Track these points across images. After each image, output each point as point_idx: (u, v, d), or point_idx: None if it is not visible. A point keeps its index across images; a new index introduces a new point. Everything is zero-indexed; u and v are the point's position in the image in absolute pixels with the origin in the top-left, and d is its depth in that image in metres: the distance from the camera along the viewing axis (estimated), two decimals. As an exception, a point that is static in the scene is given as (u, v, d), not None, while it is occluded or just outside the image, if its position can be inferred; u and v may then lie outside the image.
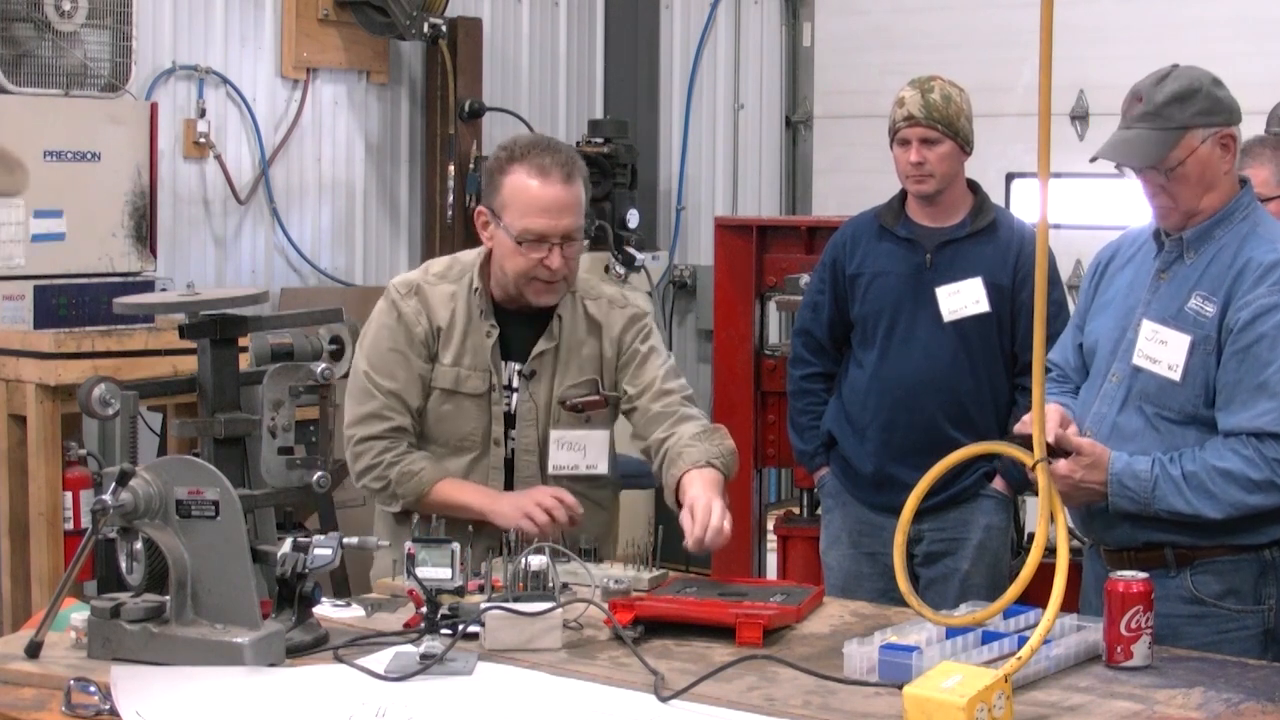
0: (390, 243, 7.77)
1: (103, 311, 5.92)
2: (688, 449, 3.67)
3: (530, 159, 3.65)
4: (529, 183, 3.63)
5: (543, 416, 3.76)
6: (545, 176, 3.63)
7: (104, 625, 2.95)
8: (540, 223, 3.61)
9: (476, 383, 3.74)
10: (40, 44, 6.08)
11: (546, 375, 3.75)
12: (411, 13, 7.33)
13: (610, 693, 2.83)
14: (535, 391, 3.75)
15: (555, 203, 3.62)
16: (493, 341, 3.73)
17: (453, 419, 3.76)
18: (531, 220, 3.62)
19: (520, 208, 3.63)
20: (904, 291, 4.55)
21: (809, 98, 8.56)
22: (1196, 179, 3.35)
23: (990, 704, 2.59)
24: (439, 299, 3.76)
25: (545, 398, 3.76)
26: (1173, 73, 3.37)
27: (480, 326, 3.74)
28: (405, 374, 3.75)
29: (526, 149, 3.68)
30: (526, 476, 3.75)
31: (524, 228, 3.62)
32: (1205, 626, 3.33)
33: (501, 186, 3.66)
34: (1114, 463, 3.31)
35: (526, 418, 3.75)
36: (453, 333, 3.75)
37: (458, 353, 3.74)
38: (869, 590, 4.39)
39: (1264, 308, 3.28)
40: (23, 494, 5.68)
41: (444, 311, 3.75)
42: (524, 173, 3.64)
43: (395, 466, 3.73)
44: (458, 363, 3.74)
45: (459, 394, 3.74)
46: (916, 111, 4.47)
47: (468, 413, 3.75)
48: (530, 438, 3.75)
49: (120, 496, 2.90)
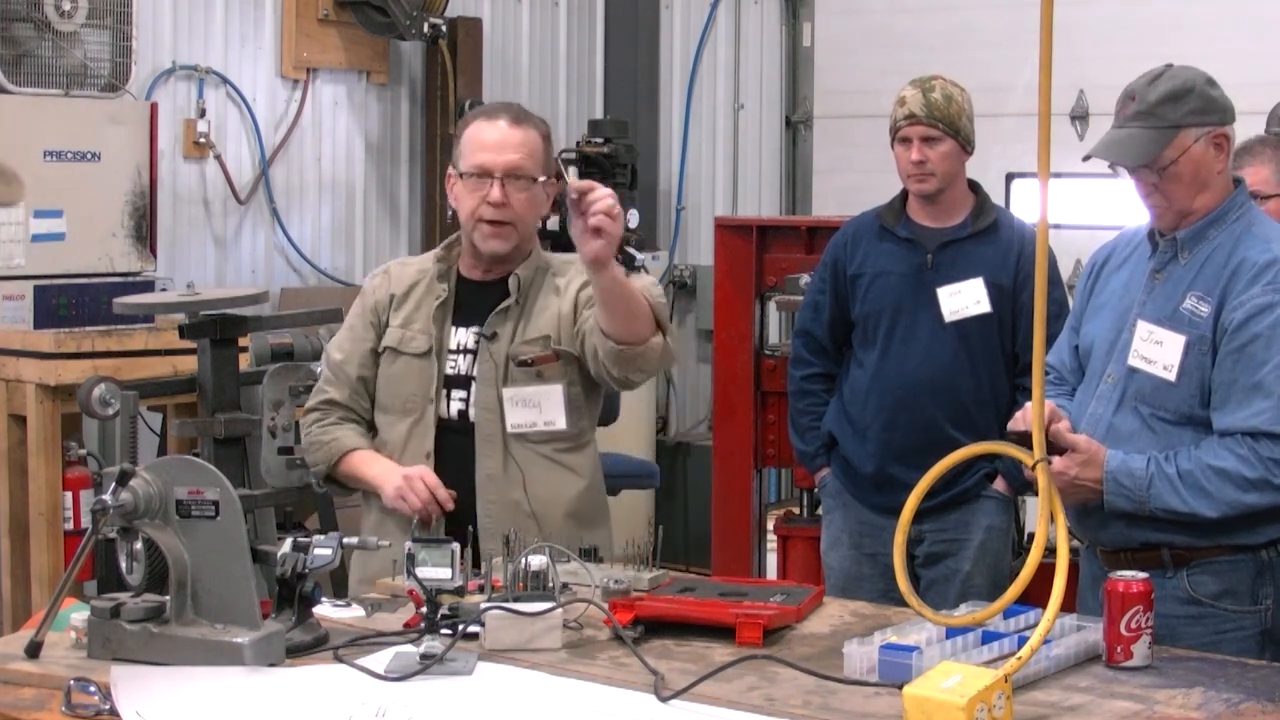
0: (390, 243, 7.78)
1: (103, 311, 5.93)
2: None
3: (484, 111, 3.85)
4: (479, 125, 3.79)
5: (500, 375, 3.77)
6: (492, 119, 3.79)
7: (104, 625, 2.95)
8: (483, 157, 3.73)
9: (420, 343, 3.79)
10: (40, 44, 6.08)
11: (506, 336, 3.77)
12: (411, 13, 7.33)
13: (610, 693, 2.83)
14: (495, 351, 3.77)
15: (497, 139, 3.74)
16: (439, 301, 3.79)
17: (398, 381, 3.82)
18: (476, 156, 3.74)
19: (469, 150, 3.77)
20: (905, 292, 4.55)
21: (809, 98, 8.57)
22: (1190, 178, 3.35)
23: (990, 704, 2.59)
24: (406, 273, 3.89)
25: (504, 357, 3.78)
26: (1166, 72, 3.37)
27: (434, 289, 3.83)
28: (351, 345, 3.88)
29: (486, 107, 3.91)
30: (487, 434, 3.75)
31: (469, 165, 3.75)
32: (1203, 627, 3.33)
33: (460, 141, 3.82)
34: (1109, 461, 3.31)
35: (486, 377, 3.77)
36: (409, 298, 3.84)
37: (409, 315, 3.83)
38: (870, 591, 4.38)
39: (1259, 307, 3.28)
40: (23, 494, 5.68)
41: (406, 282, 3.87)
42: (475, 121, 3.82)
43: (312, 435, 3.86)
44: (406, 325, 3.82)
45: (402, 354, 3.81)
46: (918, 110, 4.47)
47: (410, 373, 3.80)
48: (489, 396, 3.76)
49: (120, 496, 2.90)
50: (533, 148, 3.77)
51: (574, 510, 3.77)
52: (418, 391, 3.79)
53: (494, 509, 3.68)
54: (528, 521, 3.65)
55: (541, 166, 3.77)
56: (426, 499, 3.66)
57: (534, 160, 3.76)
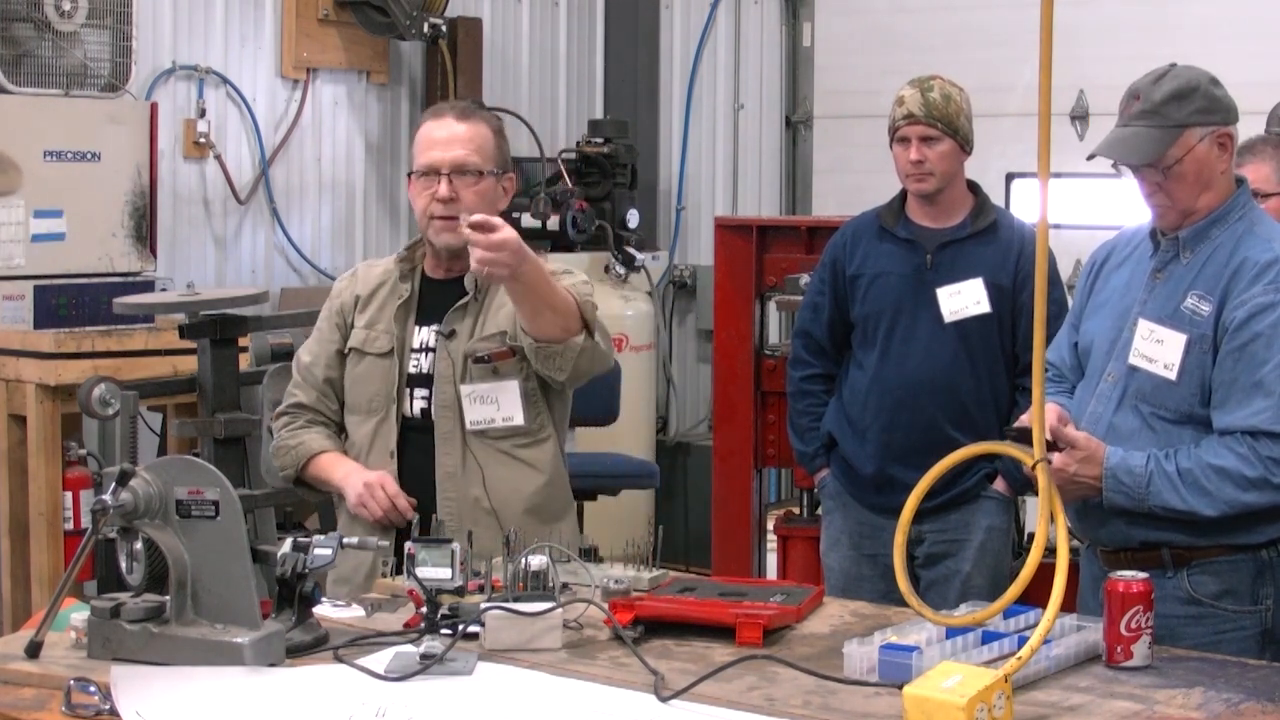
0: (390, 243, 7.77)
1: (103, 311, 5.93)
2: None
3: (432, 111, 3.88)
4: (428, 124, 3.82)
5: (458, 373, 3.77)
6: (439, 117, 3.82)
7: (104, 625, 2.95)
8: (431, 154, 3.75)
9: (383, 342, 3.81)
10: (40, 44, 6.08)
11: (465, 334, 3.78)
12: (411, 13, 7.33)
13: (610, 693, 2.83)
14: (453, 349, 3.77)
15: (445, 136, 3.76)
16: (401, 301, 3.81)
17: (363, 381, 3.83)
18: (425, 154, 3.76)
19: (419, 149, 3.79)
20: (904, 292, 4.55)
21: (809, 98, 8.57)
22: (1193, 178, 3.35)
23: (990, 704, 2.59)
24: (372, 274, 3.90)
25: (459, 356, 3.78)
26: (1170, 71, 3.37)
27: (397, 289, 3.84)
28: (318, 347, 3.90)
29: (434, 107, 3.92)
30: (446, 432, 3.75)
31: (419, 164, 3.77)
32: (1203, 627, 3.33)
33: (414, 143, 3.85)
34: (1109, 458, 3.31)
35: (444, 375, 3.77)
36: (373, 299, 3.86)
37: (373, 316, 3.84)
38: (870, 592, 4.38)
39: (1260, 306, 3.28)
40: (23, 494, 5.69)
41: (371, 283, 3.88)
42: (426, 122, 3.84)
43: (279, 439, 3.87)
44: (370, 325, 3.83)
45: (367, 354, 3.82)
46: (916, 110, 4.47)
47: (374, 374, 3.81)
48: (448, 394, 3.76)
49: (120, 496, 2.90)
50: (480, 142, 3.78)
51: (534, 506, 3.76)
52: (381, 391, 3.80)
53: (453, 506, 3.70)
54: (487, 518, 3.67)
55: (492, 160, 3.78)
56: (387, 508, 3.68)
57: (483, 154, 3.77)
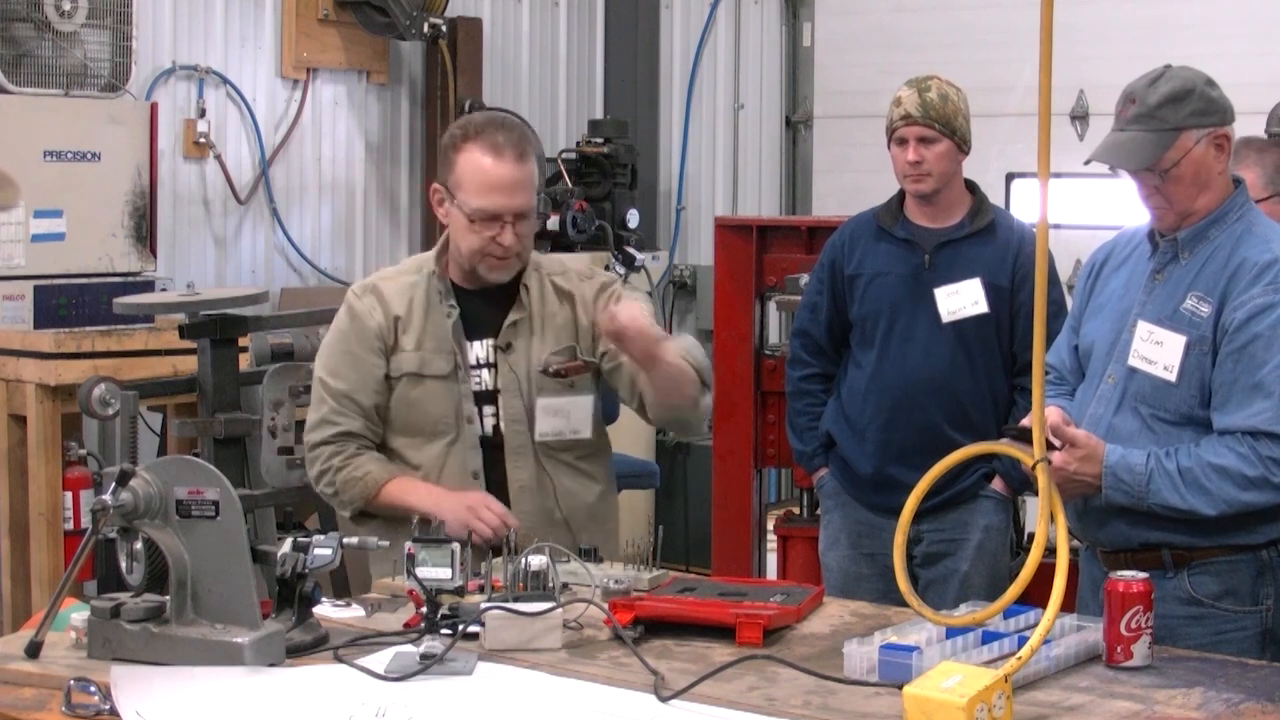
0: (390, 243, 7.78)
1: (103, 311, 5.93)
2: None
3: (484, 137, 3.66)
4: (482, 161, 3.64)
5: (525, 386, 3.74)
6: (498, 155, 3.64)
7: (104, 625, 2.95)
8: (493, 201, 3.63)
9: (441, 364, 3.73)
10: (40, 44, 6.08)
11: (523, 346, 3.75)
12: (411, 13, 7.33)
13: (610, 693, 2.83)
14: (515, 363, 3.74)
15: (507, 181, 3.63)
16: (453, 320, 3.74)
17: (422, 404, 3.75)
18: (484, 199, 3.63)
19: (474, 187, 3.64)
20: (903, 292, 4.55)
21: (809, 98, 8.57)
22: (1191, 180, 3.35)
23: (990, 704, 2.59)
24: (396, 291, 3.78)
25: (525, 367, 3.75)
26: (1166, 74, 3.37)
27: (440, 309, 3.74)
28: (356, 374, 3.75)
29: (480, 127, 3.69)
30: (516, 447, 3.74)
31: (477, 207, 3.63)
32: (1203, 627, 3.33)
33: (455, 164, 3.68)
34: (1109, 455, 3.31)
35: (510, 389, 3.74)
36: (412, 319, 3.75)
37: (419, 337, 3.74)
38: (869, 591, 4.38)
39: (1259, 307, 3.28)
40: (23, 494, 5.69)
41: (401, 302, 3.76)
42: (477, 151, 3.65)
43: (342, 472, 3.74)
44: (420, 346, 3.74)
45: (425, 377, 3.74)
46: (914, 110, 4.47)
47: (436, 396, 3.74)
48: (516, 408, 3.74)
49: (120, 496, 2.90)
50: (535, 178, 3.69)
51: (595, 514, 3.79)
52: (448, 413, 3.73)
53: (528, 519, 3.66)
54: (559, 528, 3.66)
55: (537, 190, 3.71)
56: (497, 526, 3.58)
57: (535, 190, 3.69)
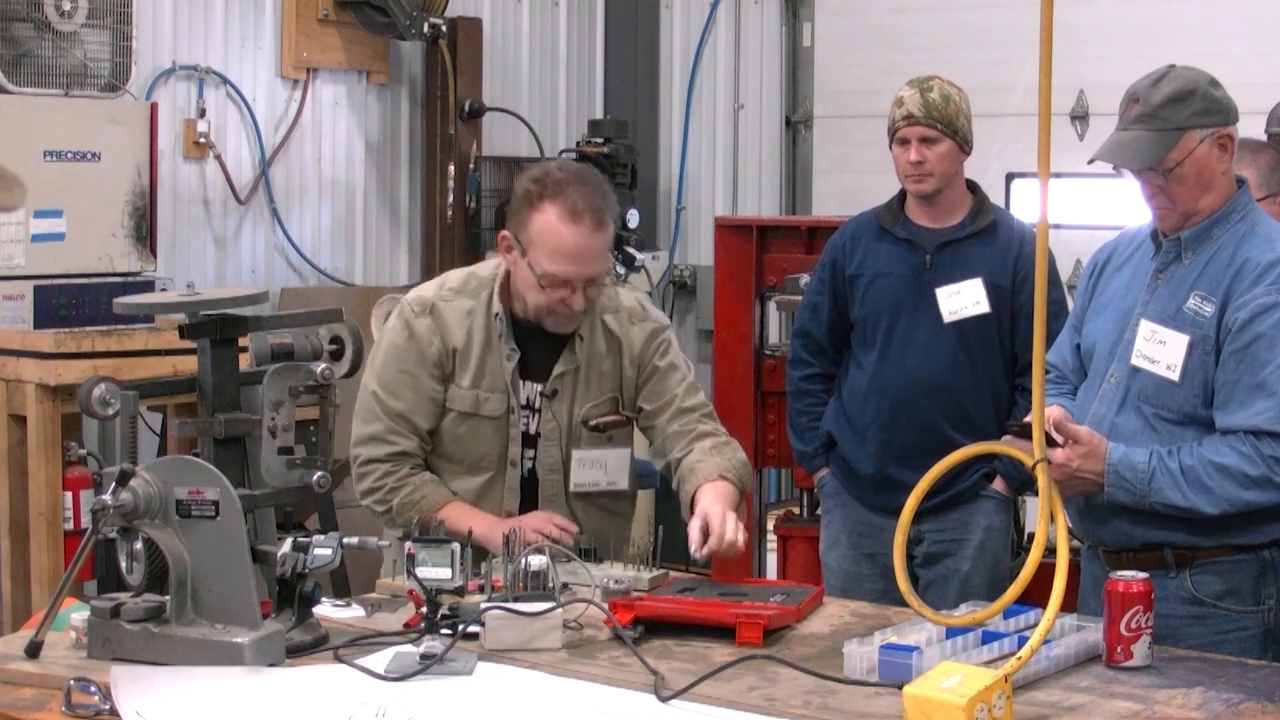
0: (390, 243, 7.77)
1: (103, 311, 5.92)
2: (700, 464, 3.70)
3: (563, 198, 3.56)
4: (559, 227, 3.55)
5: (565, 436, 3.75)
6: (576, 221, 3.55)
7: (104, 625, 2.95)
8: (567, 269, 3.56)
9: (495, 405, 3.71)
10: (40, 44, 6.08)
11: (568, 395, 3.74)
12: (411, 13, 7.33)
13: (610, 693, 2.83)
14: (558, 411, 3.73)
15: (583, 250, 3.56)
16: (513, 365, 3.71)
17: (469, 440, 3.74)
18: (558, 265, 3.56)
19: (547, 250, 3.56)
20: (904, 292, 4.55)
21: (809, 98, 8.57)
22: (1194, 179, 3.35)
23: (990, 704, 2.59)
24: (455, 317, 3.71)
25: (567, 417, 3.75)
26: (1169, 73, 3.37)
27: (500, 349, 3.69)
28: (414, 395, 3.73)
29: (560, 185, 3.58)
30: (550, 495, 3.76)
31: (549, 271, 3.57)
32: (1205, 627, 3.34)
33: (530, 222, 3.58)
34: (1111, 453, 3.31)
35: (550, 437, 3.74)
36: (470, 354, 3.70)
37: (476, 374, 3.70)
38: (869, 591, 4.38)
39: (1262, 307, 3.28)
40: (23, 494, 5.68)
41: (459, 331, 3.70)
42: (555, 214, 3.56)
43: (398, 493, 3.73)
44: (476, 384, 3.70)
45: (477, 416, 3.72)
46: (916, 110, 4.46)
47: (485, 434, 3.73)
48: (554, 457, 3.75)
49: (120, 496, 2.90)
50: (610, 239, 3.64)
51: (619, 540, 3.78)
52: (493, 451, 3.73)
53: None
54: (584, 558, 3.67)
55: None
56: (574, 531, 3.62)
57: (609, 252, 3.65)
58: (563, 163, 3.67)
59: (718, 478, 3.65)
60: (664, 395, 3.79)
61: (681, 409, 3.79)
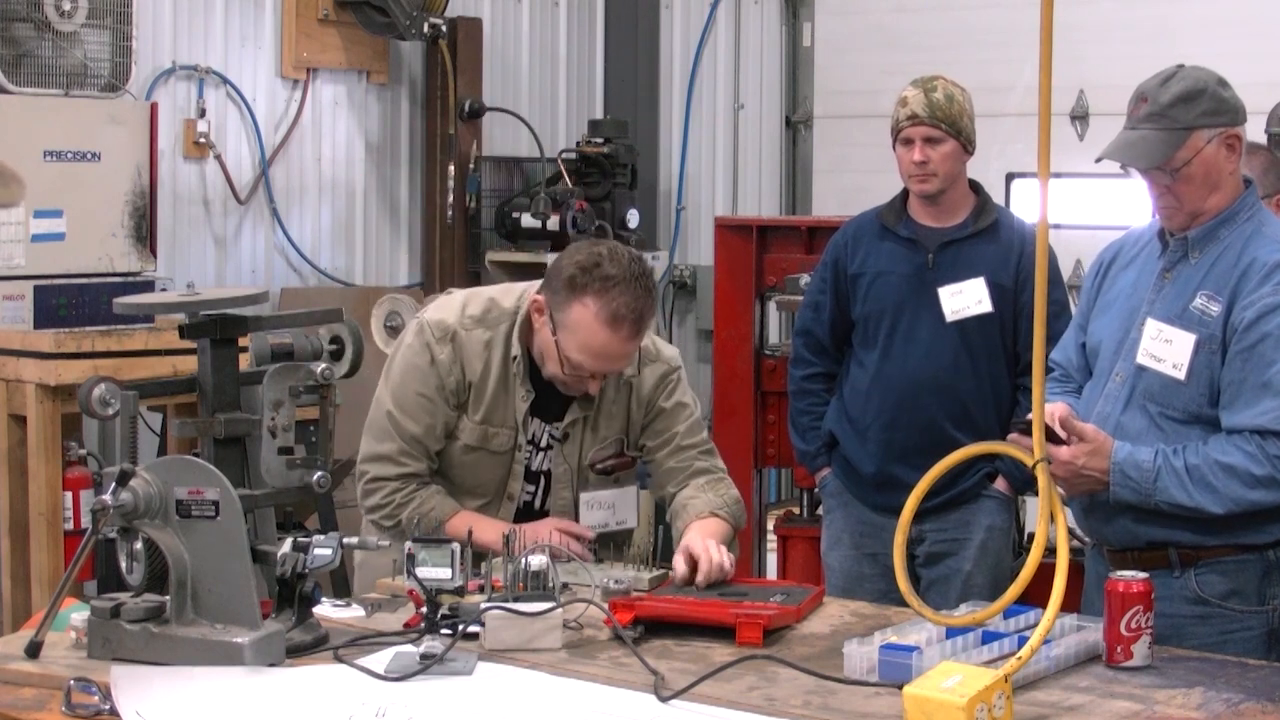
0: (390, 243, 7.78)
1: (103, 311, 5.92)
2: (692, 500, 3.75)
3: (607, 299, 3.49)
4: (596, 327, 3.50)
5: (576, 479, 3.78)
6: (615, 329, 3.50)
7: (104, 625, 2.95)
8: (593, 365, 3.57)
9: (503, 441, 3.73)
10: (40, 44, 6.08)
11: (578, 438, 3.76)
12: (411, 13, 7.33)
13: (610, 693, 2.83)
14: (569, 454, 3.76)
15: (615, 354, 3.57)
16: (528, 405, 3.71)
17: (471, 468, 3.76)
18: (585, 359, 3.55)
19: (579, 343, 3.53)
20: (906, 291, 4.55)
21: (809, 98, 8.57)
22: (1202, 179, 3.35)
23: (990, 704, 2.59)
24: (474, 349, 3.69)
25: (576, 460, 3.78)
26: (1178, 73, 3.37)
27: (516, 390, 3.69)
28: (429, 420, 3.72)
29: (607, 284, 3.50)
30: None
31: (578, 362, 3.56)
32: (1209, 627, 3.33)
33: (569, 308, 3.53)
34: (1116, 452, 3.31)
35: (561, 479, 3.78)
36: (484, 389, 3.69)
37: (488, 411, 3.70)
38: (870, 591, 4.38)
39: (1268, 307, 3.28)
40: (23, 494, 5.68)
41: (478, 364, 3.68)
42: (595, 311, 3.49)
43: (406, 507, 3.72)
44: (487, 420, 3.70)
45: (484, 449, 3.74)
46: (920, 111, 4.46)
47: (487, 465, 3.75)
48: (565, 499, 3.78)
49: (120, 496, 2.90)
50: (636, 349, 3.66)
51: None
52: (493, 481, 3.75)
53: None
54: None
55: None
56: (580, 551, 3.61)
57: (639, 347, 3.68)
58: (615, 252, 3.53)
59: (709, 515, 3.71)
60: (665, 433, 3.82)
61: (681, 446, 3.82)
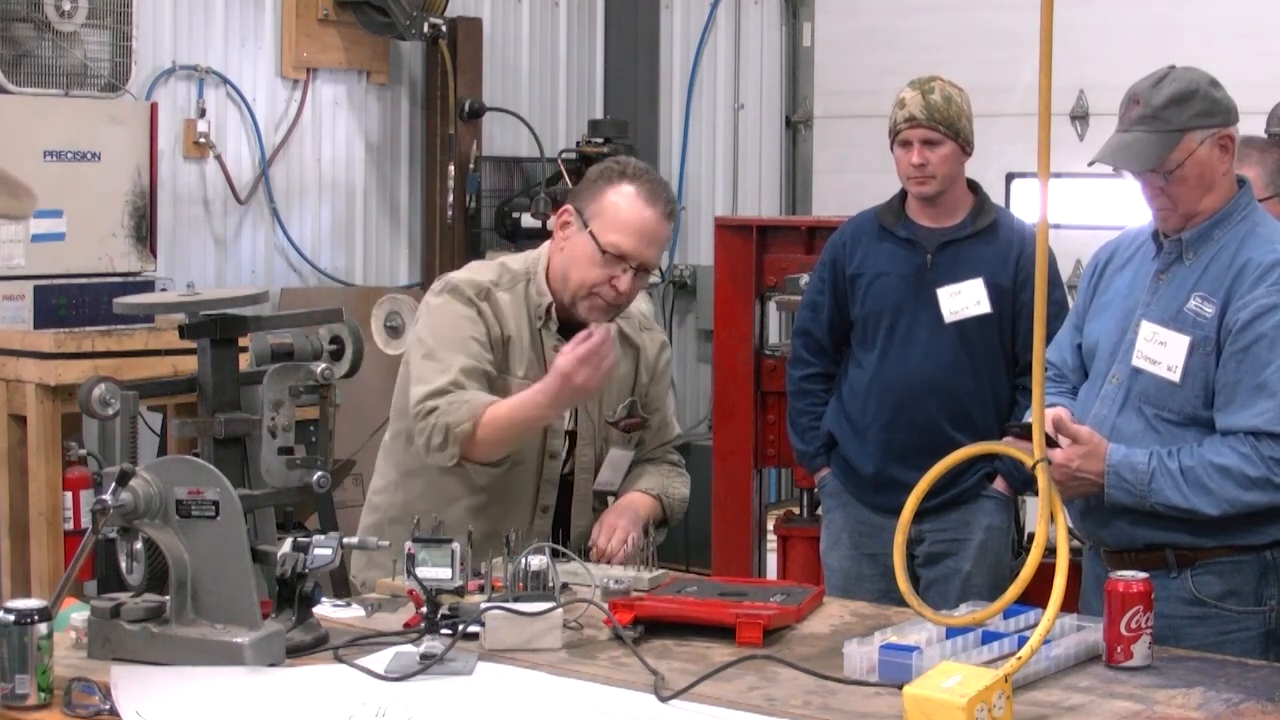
0: (390, 243, 7.78)
1: (103, 311, 5.93)
2: (642, 477, 3.81)
3: (642, 181, 3.65)
4: (636, 201, 3.61)
5: (599, 436, 3.78)
6: (652, 204, 3.63)
7: (104, 625, 2.95)
8: (630, 242, 3.60)
9: None
10: (40, 44, 6.08)
11: (597, 396, 3.73)
12: (411, 13, 7.33)
13: (610, 693, 2.83)
14: (591, 410, 3.76)
15: (651, 230, 3.62)
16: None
17: None
18: (623, 237, 3.59)
19: (619, 219, 3.60)
20: (905, 292, 4.55)
21: (809, 98, 8.57)
22: (1195, 181, 3.35)
23: (990, 704, 2.59)
24: (509, 307, 3.70)
25: (598, 417, 3.77)
26: (1170, 74, 3.37)
27: (549, 340, 3.68)
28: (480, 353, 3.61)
29: (639, 171, 3.68)
30: (583, 495, 3.77)
31: (613, 241, 3.59)
32: (1207, 628, 3.33)
33: (603, 194, 3.63)
34: (1112, 454, 3.31)
35: (586, 436, 3.77)
36: (521, 344, 3.69)
37: (528, 368, 3.68)
38: (870, 591, 4.38)
39: (1263, 308, 3.28)
40: (23, 494, 5.69)
41: (512, 321, 3.69)
42: (633, 191, 3.62)
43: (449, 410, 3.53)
44: (528, 375, 3.66)
45: None
46: (918, 113, 4.46)
47: None
48: (588, 456, 3.78)
49: (120, 496, 2.90)
50: (668, 241, 3.78)
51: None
52: (535, 442, 3.69)
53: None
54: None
55: None
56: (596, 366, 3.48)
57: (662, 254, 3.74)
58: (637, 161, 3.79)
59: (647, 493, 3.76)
60: (657, 416, 3.87)
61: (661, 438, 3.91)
